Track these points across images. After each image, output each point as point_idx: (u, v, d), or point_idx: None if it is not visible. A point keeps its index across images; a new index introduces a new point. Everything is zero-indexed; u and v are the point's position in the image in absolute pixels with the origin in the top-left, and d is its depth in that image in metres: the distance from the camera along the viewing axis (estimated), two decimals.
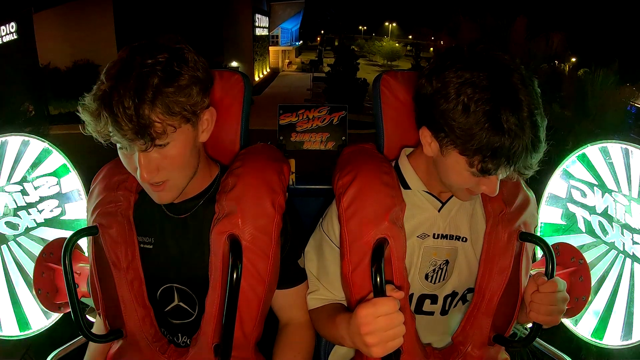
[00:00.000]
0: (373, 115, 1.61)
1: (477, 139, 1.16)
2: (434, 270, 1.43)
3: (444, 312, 1.49)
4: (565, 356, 1.61)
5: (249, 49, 37.17)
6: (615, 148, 1.68)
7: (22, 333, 1.80)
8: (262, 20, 40.82)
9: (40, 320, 1.81)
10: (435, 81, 1.24)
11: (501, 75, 1.18)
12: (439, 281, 1.44)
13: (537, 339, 1.60)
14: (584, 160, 1.74)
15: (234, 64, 34.62)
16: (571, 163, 1.77)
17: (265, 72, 43.62)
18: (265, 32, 43.22)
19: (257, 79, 39.08)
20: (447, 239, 1.43)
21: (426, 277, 1.43)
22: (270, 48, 47.20)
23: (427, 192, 1.44)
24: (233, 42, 34.98)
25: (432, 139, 1.30)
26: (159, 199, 1.32)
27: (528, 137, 1.15)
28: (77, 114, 1.20)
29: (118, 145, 1.23)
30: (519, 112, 1.15)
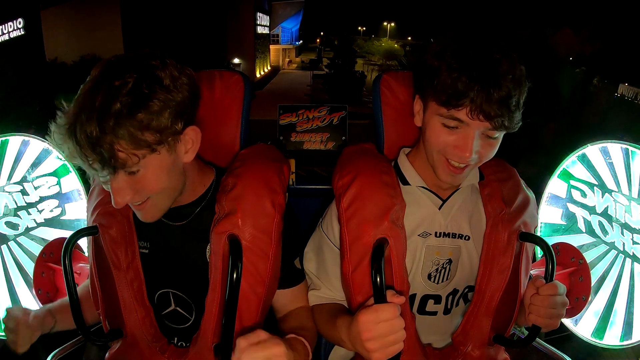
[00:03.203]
0: (373, 115, 1.61)
1: (442, 77, 1.24)
2: (437, 270, 1.43)
3: (446, 311, 1.49)
4: (565, 356, 1.61)
5: (250, 46, 37.21)
6: (615, 148, 1.68)
7: None
8: (263, 19, 40.89)
9: None
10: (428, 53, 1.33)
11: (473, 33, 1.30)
12: (442, 281, 1.44)
13: (537, 339, 1.60)
14: (584, 160, 1.75)
15: (236, 60, 34.69)
16: (571, 163, 1.78)
17: (266, 70, 43.72)
18: (266, 31, 43.30)
19: (258, 75, 39.22)
20: (449, 237, 1.43)
21: (429, 277, 1.43)
22: (271, 46, 47.26)
23: (426, 188, 1.44)
24: (235, 39, 34.98)
25: (419, 102, 1.37)
26: (141, 217, 1.29)
27: (480, 70, 1.20)
28: (47, 138, 1.14)
29: None
30: (473, 49, 1.24)
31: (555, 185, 1.83)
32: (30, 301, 1.79)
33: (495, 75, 1.19)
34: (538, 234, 1.77)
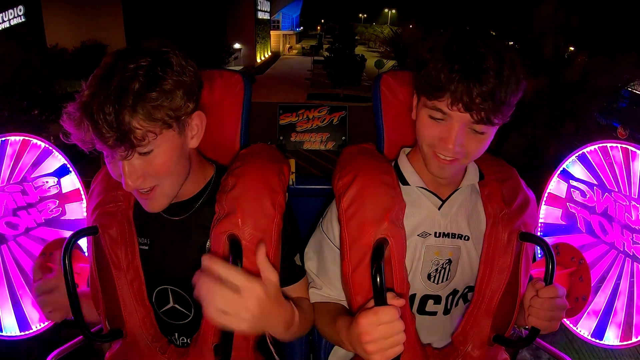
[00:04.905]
0: (373, 115, 1.61)
1: (428, 69, 1.25)
2: (436, 270, 1.43)
3: (446, 311, 1.49)
4: (565, 356, 1.62)
5: (251, 31, 37.22)
6: (615, 148, 1.67)
7: (22, 333, 1.79)
8: (264, 4, 40.89)
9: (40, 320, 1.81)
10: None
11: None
12: (442, 281, 1.44)
13: (538, 339, 1.61)
14: (584, 160, 1.74)
15: (237, 45, 34.69)
16: (571, 163, 1.77)
17: (266, 55, 43.85)
18: (267, 17, 43.33)
19: (259, 60, 39.34)
20: (449, 237, 1.43)
21: (428, 277, 1.43)
22: (272, 32, 47.26)
23: (426, 189, 1.44)
24: (236, 24, 34.97)
25: (415, 97, 1.37)
26: (148, 207, 1.31)
27: (463, 64, 1.20)
28: (61, 123, 1.17)
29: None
30: (457, 42, 1.24)
31: (555, 185, 1.82)
32: (30, 301, 1.78)
33: (478, 70, 1.19)
34: (538, 234, 1.77)
